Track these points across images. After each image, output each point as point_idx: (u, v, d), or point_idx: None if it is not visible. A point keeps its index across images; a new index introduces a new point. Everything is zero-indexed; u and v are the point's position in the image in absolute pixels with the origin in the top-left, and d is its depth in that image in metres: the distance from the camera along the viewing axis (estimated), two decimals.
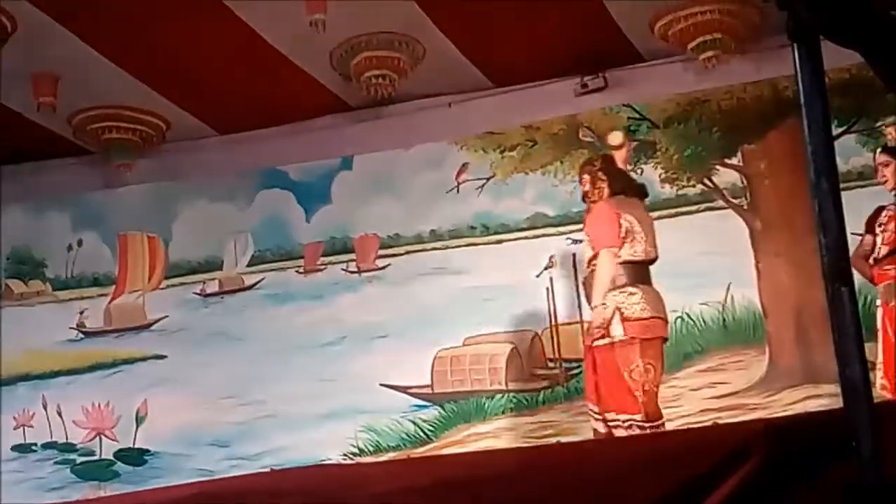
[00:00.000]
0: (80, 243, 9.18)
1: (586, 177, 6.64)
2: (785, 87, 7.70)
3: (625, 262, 6.34)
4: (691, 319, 7.77)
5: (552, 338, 8.11)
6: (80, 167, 9.03)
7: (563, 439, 7.85)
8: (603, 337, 6.29)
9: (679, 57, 7.86)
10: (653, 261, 6.48)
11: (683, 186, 8.01)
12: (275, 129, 8.75)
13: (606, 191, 6.52)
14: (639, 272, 6.39)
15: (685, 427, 7.39)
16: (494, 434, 8.00)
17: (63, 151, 8.93)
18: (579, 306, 8.01)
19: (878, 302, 6.35)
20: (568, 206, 8.20)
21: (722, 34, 7.56)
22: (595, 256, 6.40)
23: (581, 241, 8.08)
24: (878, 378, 6.13)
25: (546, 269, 8.17)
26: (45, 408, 8.92)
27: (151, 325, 9.01)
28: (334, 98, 8.50)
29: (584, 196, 6.65)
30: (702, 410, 7.59)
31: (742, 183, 7.94)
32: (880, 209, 6.46)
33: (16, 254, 9.21)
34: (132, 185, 9.03)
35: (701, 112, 8.05)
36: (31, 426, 8.90)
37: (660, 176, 8.08)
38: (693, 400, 7.64)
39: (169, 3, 7.10)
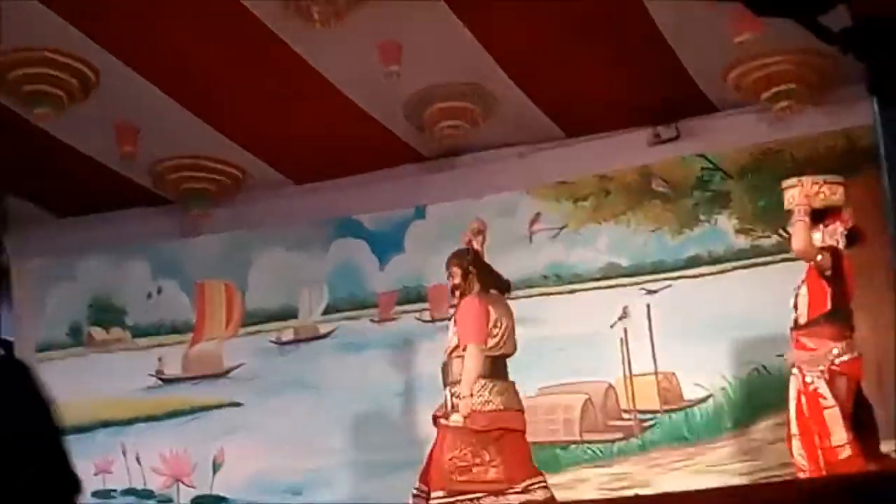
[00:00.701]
0: (159, 291, 9.33)
1: (456, 269, 6.84)
2: (860, 137, 7.64)
3: (486, 356, 6.54)
4: (766, 371, 7.67)
5: (626, 389, 8.07)
6: (158, 216, 9.19)
7: (640, 492, 7.79)
8: (445, 417, 6.54)
9: (752, 107, 7.83)
10: (510, 354, 6.70)
11: (758, 237, 7.96)
12: (349, 179, 8.84)
13: (476, 285, 6.77)
14: (496, 365, 6.61)
15: (775, 481, 7.31)
16: (569, 485, 7.94)
17: (142, 200, 9.10)
18: (654, 357, 7.98)
19: (794, 370, 6.26)
20: (642, 257, 8.19)
21: (796, 84, 7.52)
22: (459, 347, 6.62)
23: (656, 292, 8.09)
24: (797, 449, 6.13)
25: (619, 319, 8.14)
26: (124, 454, 9.04)
27: (228, 372, 9.11)
28: (408, 148, 8.58)
29: (454, 289, 6.85)
30: (782, 464, 7.47)
31: None
32: None
33: (97, 302, 9.38)
34: (209, 234, 9.17)
35: (775, 162, 7.99)
36: (111, 472, 9.01)
37: (734, 227, 8.03)
38: (771, 454, 7.52)
39: (245, 55, 7.24)
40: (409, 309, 8.76)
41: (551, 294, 8.40)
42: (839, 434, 6.03)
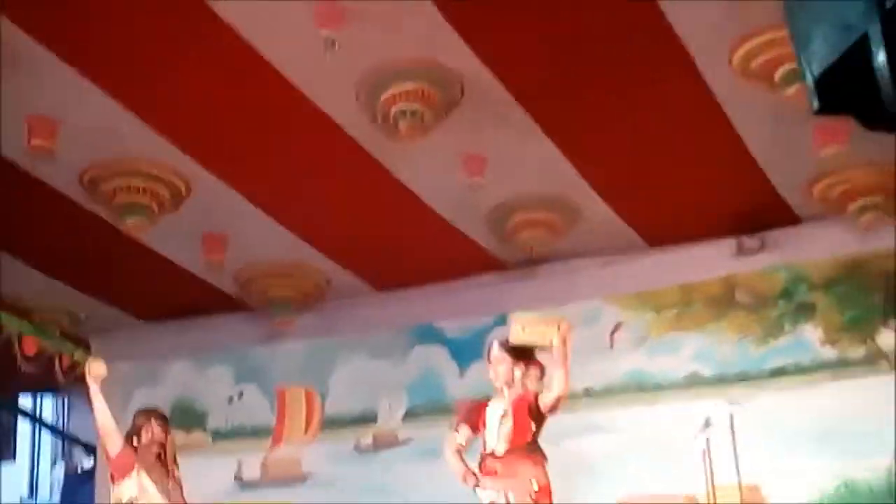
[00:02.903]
0: (240, 395, 9.41)
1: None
2: None
3: None
4: (855, 485, 7.54)
5: (709, 501, 7.93)
6: (242, 322, 9.31)
7: None
8: None
9: (837, 218, 7.81)
10: None
11: (845, 348, 7.88)
12: (431, 287, 8.92)
13: None
14: None
15: None
16: None
17: (227, 307, 9.24)
18: (737, 469, 7.85)
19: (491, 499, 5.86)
20: (725, 367, 8.13)
21: (882, 197, 7.51)
22: None
23: (740, 402, 7.99)
24: None
25: (702, 430, 8.04)
26: None
27: (307, 477, 9.12)
28: (490, 257, 8.65)
29: None
30: None
31: None
32: (481, 404, 6.15)
33: (179, 405, 9.46)
34: (292, 340, 9.26)
35: (861, 274, 7.95)
36: None
37: (820, 338, 7.97)
38: None
39: (328, 164, 7.38)
40: None
41: (633, 403, 8.33)
42: None
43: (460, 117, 6.76)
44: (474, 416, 6.22)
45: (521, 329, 6.05)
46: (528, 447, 6.02)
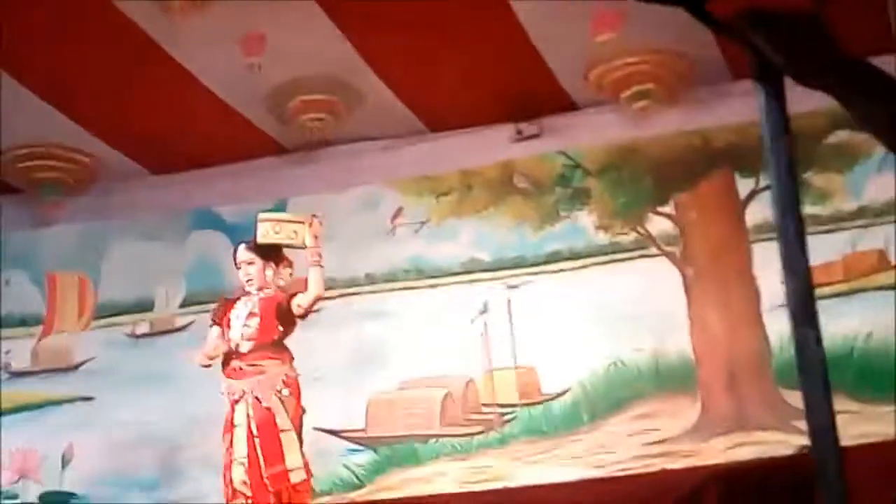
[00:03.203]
0: (7, 283, 9.02)
1: None
2: (715, 136, 7.88)
3: None
4: (624, 366, 7.82)
5: (486, 383, 8.11)
6: (8, 206, 8.89)
7: (498, 485, 7.85)
8: None
9: (613, 105, 7.95)
10: None
11: (617, 234, 8.10)
12: (209, 170, 8.70)
13: None
14: None
15: (632, 473, 7.45)
16: (428, 479, 7.97)
17: None
18: (514, 352, 8.04)
19: (236, 396, 5.97)
20: (503, 252, 8.24)
21: (654, 84, 7.68)
22: None
23: (517, 286, 8.16)
24: (240, 476, 5.87)
25: (480, 314, 8.19)
26: None
27: (79, 366, 8.87)
28: (270, 140, 8.49)
29: None
30: (635, 457, 7.63)
31: (675, 231, 8.03)
32: (230, 301, 6.26)
33: None
34: (62, 225, 8.91)
35: (633, 160, 8.15)
36: None
37: (594, 223, 8.16)
38: (627, 447, 7.68)
39: (103, 43, 7.05)
40: None
41: (413, 288, 8.39)
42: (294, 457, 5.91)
43: None
44: (220, 314, 6.18)
45: (270, 228, 5.95)
46: (273, 345, 5.98)
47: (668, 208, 8.06)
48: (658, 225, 8.05)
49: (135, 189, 8.86)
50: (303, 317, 6.02)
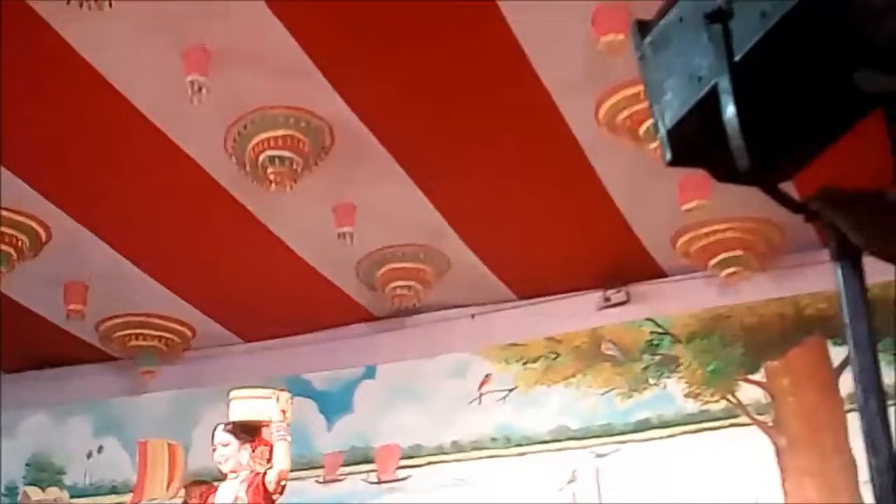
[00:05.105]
0: (100, 450, 9.12)
1: None
2: (806, 304, 7.81)
3: None
4: None
5: None
6: (104, 373, 9.06)
7: None
8: None
9: (701, 273, 7.94)
10: None
11: (707, 402, 7.99)
12: (298, 338, 8.81)
13: None
14: None
15: None
16: None
17: (88, 358, 8.99)
18: None
19: None
20: (591, 420, 8.17)
21: (743, 251, 7.65)
22: None
23: (605, 455, 8.05)
24: None
25: (568, 483, 8.08)
26: None
27: None
28: (359, 308, 8.59)
29: None
30: None
31: (766, 399, 7.90)
32: (208, 487, 6.13)
33: (36, 460, 9.16)
34: (156, 392, 9.04)
35: (723, 328, 8.09)
36: None
37: (683, 391, 8.07)
38: None
39: (198, 214, 7.27)
40: (356, 470, 8.66)
41: (500, 456, 8.32)
42: None
43: (330, 165, 6.72)
44: (196, 498, 6.03)
45: (240, 405, 5.85)
46: None
47: (759, 376, 7.95)
48: (749, 393, 7.93)
49: (227, 356, 8.99)
50: (280, 493, 5.82)
